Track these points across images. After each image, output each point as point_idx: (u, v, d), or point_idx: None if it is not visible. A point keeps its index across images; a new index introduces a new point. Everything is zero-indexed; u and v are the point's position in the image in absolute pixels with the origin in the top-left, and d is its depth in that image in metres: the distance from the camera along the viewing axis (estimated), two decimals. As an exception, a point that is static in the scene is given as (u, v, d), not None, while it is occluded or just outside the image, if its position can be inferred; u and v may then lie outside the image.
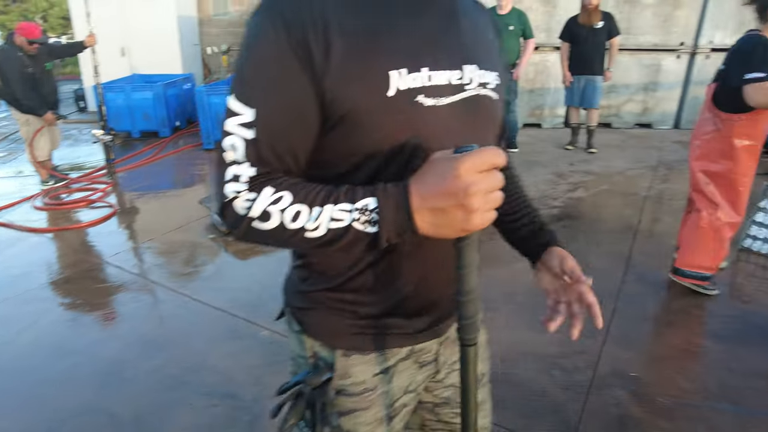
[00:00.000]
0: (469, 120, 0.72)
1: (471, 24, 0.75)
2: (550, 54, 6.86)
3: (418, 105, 0.66)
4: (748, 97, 2.47)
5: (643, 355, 2.38)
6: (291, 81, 0.63)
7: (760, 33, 2.56)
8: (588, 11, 5.45)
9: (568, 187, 4.74)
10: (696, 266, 2.89)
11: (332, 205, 0.62)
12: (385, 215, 0.61)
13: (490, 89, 0.75)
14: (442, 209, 0.59)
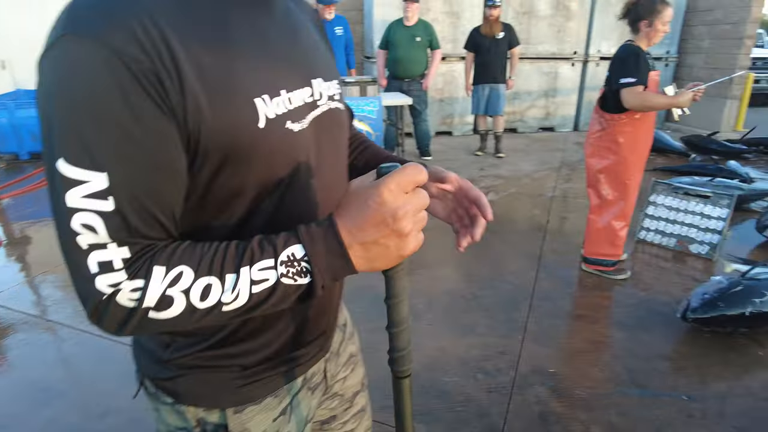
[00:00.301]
0: (329, 137, 0.68)
1: (307, 35, 0.69)
2: (457, 64, 7.12)
3: (290, 132, 0.59)
4: (623, 100, 2.76)
5: (560, 350, 2.48)
6: (148, 126, 0.49)
7: (634, 43, 2.85)
8: (489, 22, 5.72)
9: (481, 192, 4.90)
10: (599, 254, 3.14)
11: (248, 266, 0.53)
12: (318, 261, 0.55)
13: (337, 101, 0.71)
14: (374, 241, 0.55)
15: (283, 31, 0.63)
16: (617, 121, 2.89)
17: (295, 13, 0.68)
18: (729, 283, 2.55)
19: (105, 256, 0.50)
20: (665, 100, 2.80)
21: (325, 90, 0.67)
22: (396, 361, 0.67)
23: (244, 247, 0.54)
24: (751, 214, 4.24)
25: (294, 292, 0.55)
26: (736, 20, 7.10)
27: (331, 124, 0.68)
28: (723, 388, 2.21)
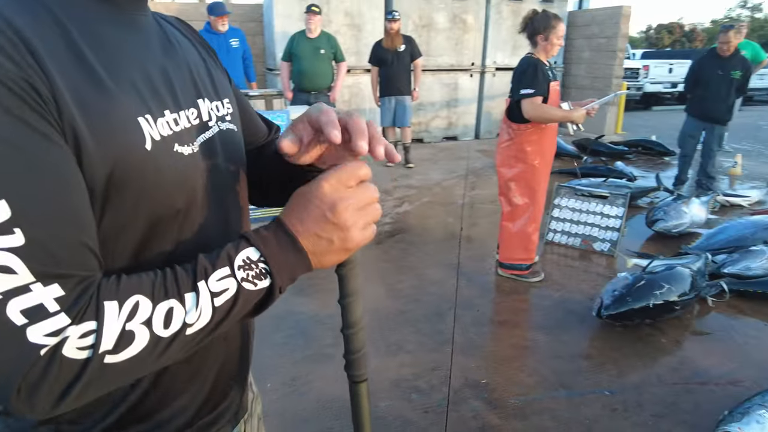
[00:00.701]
0: (223, 159, 0.65)
1: (189, 55, 0.66)
2: (362, 76, 7.13)
3: (179, 155, 0.56)
4: (523, 110, 2.89)
5: (488, 359, 2.49)
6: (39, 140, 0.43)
7: (534, 55, 2.99)
8: (390, 36, 5.79)
9: (394, 203, 4.91)
10: (514, 258, 3.23)
11: (204, 280, 0.51)
12: (275, 260, 0.54)
13: (229, 121, 0.68)
14: (317, 234, 0.55)
15: (161, 51, 0.60)
16: (524, 131, 3.01)
17: (173, 34, 0.66)
18: (634, 279, 2.73)
19: (30, 300, 0.42)
20: (561, 114, 2.96)
21: (214, 111, 0.65)
22: (352, 364, 0.66)
23: (192, 264, 0.52)
24: (638, 210, 4.64)
25: (255, 298, 0.54)
26: (609, 35, 7.84)
27: (224, 145, 0.66)
28: (638, 379, 2.34)
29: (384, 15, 6.87)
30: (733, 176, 6.09)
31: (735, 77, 4.84)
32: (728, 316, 2.89)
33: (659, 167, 6.46)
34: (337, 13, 6.83)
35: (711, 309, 2.96)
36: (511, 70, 8.12)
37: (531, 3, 7.98)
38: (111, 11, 0.54)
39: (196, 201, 0.59)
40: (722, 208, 4.78)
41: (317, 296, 3.01)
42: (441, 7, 7.44)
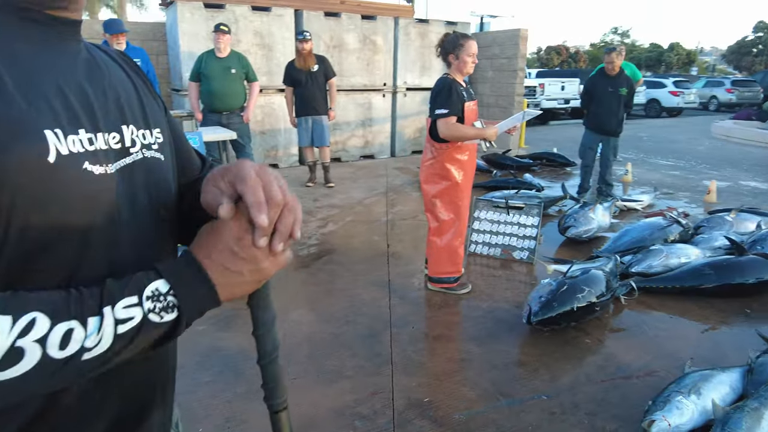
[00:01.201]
0: (143, 188, 0.64)
1: (118, 81, 0.67)
2: (275, 96, 7.00)
3: (89, 173, 0.55)
4: (438, 129, 2.98)
5: (428, 376, 2.47)
6: None
7: (449, 75, 3.10)
8: (303, 56, 5.76)
9: (318, 224, 4.82)
10: (443, 272, 3.28)
11: (111, 306, 0.50)
12: (184, 294, 0.54)
13: (156, 150, 0.68)
14: (226, 268, 0.56)
15: (85, 75, 0.60)
16: (446, 150, 3.09)
17: (105, 61, 0.67)
18: (557, 284, 2.86)
19: None
20: (474, 132, 3.08)
21: (140, 138, 0.65)
22: (271, 393, 0.67)
23: (100, 288, 0.51)
24: (549, 218, 4.93)
25: (159, 330, 0.54)
26: (509, 55, 8.37)
27: (148, 174, 0.65)
28: (569, 380, 2.44)
29: (294, 35, 6.82)
30: (625, 183, 6.70)
31: (622, 94, 5.35)
32: (639, 312, 3.13)
33: (563, 177, 6.94)
34: (246, 32, 6.68)
35: (624, 307, 3.18)
36: (421, 90, 8.41)
37: (436, 25, 8.34)
38: (35, 34, 0.55)
39: (106, 224, 0.57)
40: (621, 213, 5.22)
41: (243, 329, 2.83)
42: (351, 29, 7.54)
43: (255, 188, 0.56)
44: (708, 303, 3.22)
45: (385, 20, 7.81)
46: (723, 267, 3.33)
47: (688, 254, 3.58)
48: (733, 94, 19.82)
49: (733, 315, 3.10)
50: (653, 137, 11.85)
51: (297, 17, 7.11)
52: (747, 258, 3.40)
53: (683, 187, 6.59)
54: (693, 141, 11.30)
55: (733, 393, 2.21)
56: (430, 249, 3.32)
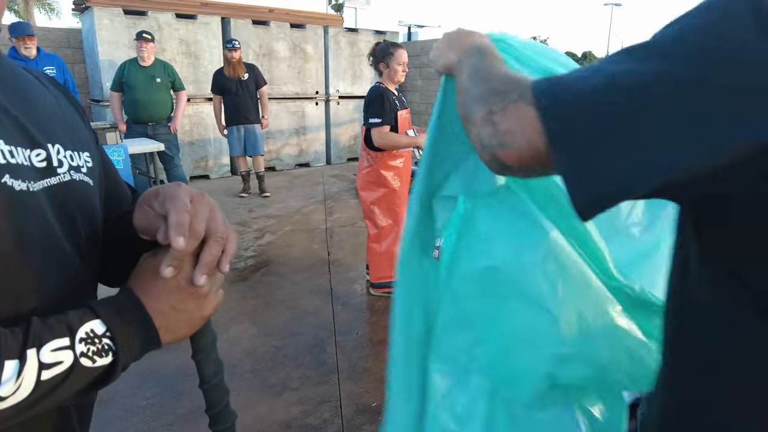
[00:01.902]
0: (67, 211, 0.58)
1: (45, 100, 0.63)
2: (203, 105, 6.80)
3: (8, 188, 0.49)
4: (372, 139, 3.04)
5: (375, 381, 2.48)
6: None
7: (382, 84, 3.16)
8: (232, 64, 5.64)
9: (255, 235, 4.72)
10: (384, 277, 3.31)
11: (36, 348, 0.44)
12: (122, 337, 0.50)
13: (84, 173, 0.62)
14: (173, 307, 0.53)
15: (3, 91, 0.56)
16: (381, 158, 3.14)
17: (29, 81, 0.63)
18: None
19: None
20: (407, 140, 3.15)
21: (68, 159, 0.60)
22: (216, 418, 0.64)
23: (24, 328, 0.45)
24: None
25: (90, 375, 0.48)
26: (438, 63, 8.62)
27: (75, 198, 0.60)
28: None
29: (222, 44, 6.66)
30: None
31: None
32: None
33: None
34: (170, 40, 6.44)
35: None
36: (353, 98, 8.46)
37: (365, 34, 8.44)
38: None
39: (26, 248, 0.51)
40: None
41: (181, 346, 2.72)
42: (281, 37, 7.47)
43: (180, 211, 0.52)
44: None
45: (315, 29, 7.81)
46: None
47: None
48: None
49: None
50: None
51: (224, 25, 6.95)
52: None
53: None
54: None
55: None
56: (371, 255, 3.35)
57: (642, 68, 0.44)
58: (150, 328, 0.52)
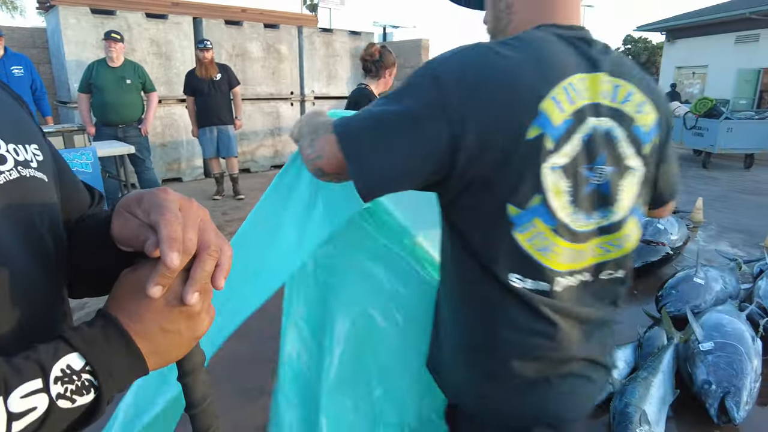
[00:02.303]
0: (21, 213, 0.51)
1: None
2: (175, 107, 6.69)
3: None
4: None
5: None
6: None
7: (367, 87, 3.14)
8: (204, 65, 5.56)
9: (229, 238, 4.64)
10: None
11: (1, 397, 0.37)
12: (105, 370, 0.43)
13: (35, 168, 0.55)
14: (162, 329, 0.47)
15: None
16: None
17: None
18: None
19: None
20: None
21: (12, 153, 0.52)
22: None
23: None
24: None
25: (70, 418, 0.42)
26: (413, 65, 8.66)
27: (27, 197, 0.52)
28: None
29: (194, 44, 6.57)
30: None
31: None
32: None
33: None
34: (140, 41, 6.31)
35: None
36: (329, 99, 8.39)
37: (340, 35, 8.42)
38: None
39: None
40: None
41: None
42: (254, 37, 7.39)
43: (172, 223, 0.46)
44: (602, 288, 3.53)
45: (289, 29, 7.76)
46: (612, 254, 3.68)
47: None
48: (612, 99, 22.00)
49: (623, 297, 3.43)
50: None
51: (196, 25, 6.85)
52: (631, 245, 3.78)
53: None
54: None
55: (627, 366, 2.45)
56: None
57: (383, 107, 0.77)
58: (135, 355, 0.45)
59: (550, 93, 0.74)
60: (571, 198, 0.78)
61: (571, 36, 0.81)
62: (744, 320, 2.58)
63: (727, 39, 16.66)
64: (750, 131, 8.40)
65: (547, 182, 0.75)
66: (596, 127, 0.79)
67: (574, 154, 0.77)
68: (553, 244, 0.78)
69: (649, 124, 0.85)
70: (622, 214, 0.84)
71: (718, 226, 5.16)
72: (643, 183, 0.87)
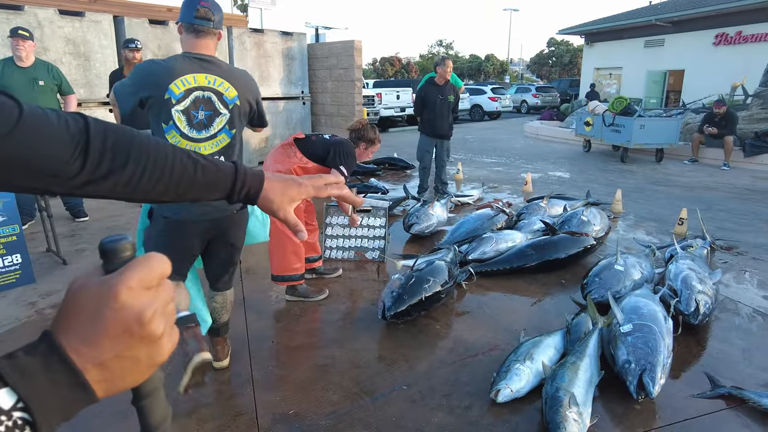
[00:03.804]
0: None
1: None
2: (97, 110, 6.31)
3: None
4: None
5: (293, 388, 2.44)
6: None
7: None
8: (132, 66, 5.31)
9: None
10: (288, 270, 3.25)
11: None
12: (41, 405, 0.37)
13: None
14: (118, 355, 0.41)
15: None
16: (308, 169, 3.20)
17: None
18: (406, 278, 3.04)
19: None
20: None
21: None
22: None
23: None
24: (395, 218, 5.21)
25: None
26: (346, 66, 8.65)
27: None
28: (426, 366, 2.61)
29: (115, 43, 6.23)
30: (458, 180, 7.37)
31: (450, 101, 5.88)
32: (479, 295, 3.48)
33: (404, 179, 7.38)
34: (54, 39, 5.90)
35: (466, 291, 3.51)
36: (263, 100, 8.20)
37: (272, 35, 8.27)
38: None
39: None
40: (456, 207, 5.73)
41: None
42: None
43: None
44: (533, 279, 3.70)
45: (218, 29, 7.52)
46: (541, 246, 3.86)
47: (514, 238, 4.08)
48: (538, 99, 23.06)
49: (552, 286, 3.61)
50: (478, 139, 13.21)
51: (117, 24, 6.50)
52: (558, 237, 3.98)
53: (505, 180, 7.47)
54: (510, 140, 12.86)
55: (558, 353, 2.57)
56: (271, 248, 3.27)
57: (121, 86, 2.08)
58: (82, 387, 0.40)
59: (174, 80, 1.95)
60: (187, 123, 1.99)
61: (194, 58, 2.01)
62: (658, 302, 2.79)
63: (637, 43, 17.92)
64: (659, 128, 9.08)
65: (174, 116, 1.97)
66: (199, 95, 1.99)
67: (187, 105, 1.98)
68: (180, 142, 1.97)
69: (231, 95, 2.06)
70: (215, 131, 2.06)
71: (636, 215, 5.54)
72: (230, 120, 2.08)
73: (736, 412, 2.25)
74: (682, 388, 2.42)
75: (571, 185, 7.17)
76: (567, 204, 5.10)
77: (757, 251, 4.36)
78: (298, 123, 8.97)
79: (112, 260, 0.44)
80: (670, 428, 2.15)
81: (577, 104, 15.83)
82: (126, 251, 0.45)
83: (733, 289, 3.56)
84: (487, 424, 2.17)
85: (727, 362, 2.64)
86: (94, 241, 4.54)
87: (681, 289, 2.99)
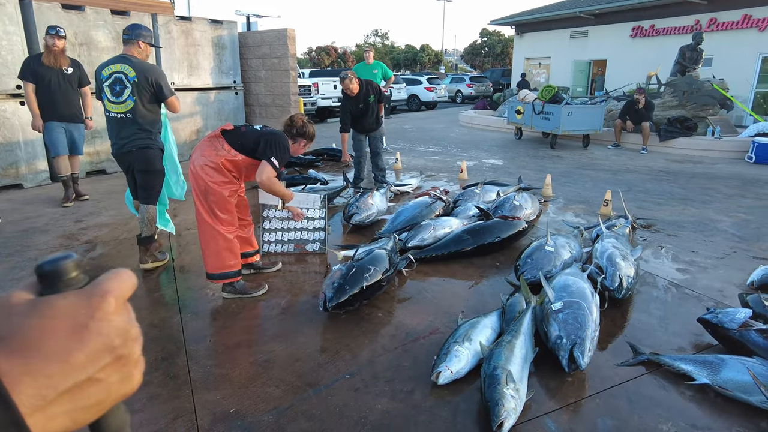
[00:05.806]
0: None
1: None
2: (6, 102, 5.83)
3: None
4: (262, 175, 3.03)
5: (233, 386, 2.38)
6: None
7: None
8: (53, 53, 5.02)
9: (86, 248, 4.19)
10: (222, 267, 3.15)
11: None
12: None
13: None
14: (89, 378, 0.34)
15: None
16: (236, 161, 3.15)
17: None
18: (346, 269, 3.04)
19: None
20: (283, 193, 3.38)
21: None
22: None
23: None
24: (335, 209, 5.19)
25: None
26: (279, 55, 8.46)
27: None
28: (368, 354, 2.63)
29: (23, 30, 5.75)
30: (396, 170, 7.43)
31: (371, 101, 5.75)
32: (419, 281, 3.53)
33: (343, 170, 7.35)
34: (-51, 25, 5.36)
35: (406, 278, 3.55)
36: (191, 91, 7.89)
37: (200, 24, 7.94)
38: None
39: None
40: (396, 196, 5.78)
41: None
42: (100, 24, 6.67)
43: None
44: (470, 262, 3.80)
45: (141, 16, 7.12)
46: (476, 231, 3.97)
47: (451, 225, 4.17)
48: (472, 89, 23.60)
49: (488, 269, 3.73)
50: (416, 128, 13.35)
51: (24, 9, 5.99)
52: (492, 221, 4.11)
53: (442, 169, 7.61)
54: (447, 129, 13.10)
55: (494, 333, 2.67)
56: (205, 245, 3.15)
57: None
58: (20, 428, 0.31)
59: (104, 69, 3.49)
60: (112, 93, 3.47)
61: (119, 56, 3.56)
62: (586, 279, 2.95)
63: (563, 34, 18.72)
64: (585, 115, 9.57)
65: (104, 89, 3.48)
66: (115, 75, 3.45)
67: (110, 83, 3.46)
68: (108, 105, 3.50)
69: (131, 75, 3.44)
70: (124, 98, 3.46)
71: (565, 198, 5.82)
72: (132, 91, 3.45)
73: (654, 376, 2.43)
74: (609, 358, 2.58)
75: (504, 172, 7.41)
76: (500, 190, 5.27)
77: (672, 228, 4.71)
78: (231, 114, 8.69)
79: (55, 284, 0.37)
80: (599, 395, 2.29)
81: (509, 93, 16.33)
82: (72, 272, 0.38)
83: (651, 264, 3.83)
84: (430, 406, 2.22)
85: (646, 331, 2.84)
86: (7, 246, 4.20)
87: (606, 267, 3.18)
